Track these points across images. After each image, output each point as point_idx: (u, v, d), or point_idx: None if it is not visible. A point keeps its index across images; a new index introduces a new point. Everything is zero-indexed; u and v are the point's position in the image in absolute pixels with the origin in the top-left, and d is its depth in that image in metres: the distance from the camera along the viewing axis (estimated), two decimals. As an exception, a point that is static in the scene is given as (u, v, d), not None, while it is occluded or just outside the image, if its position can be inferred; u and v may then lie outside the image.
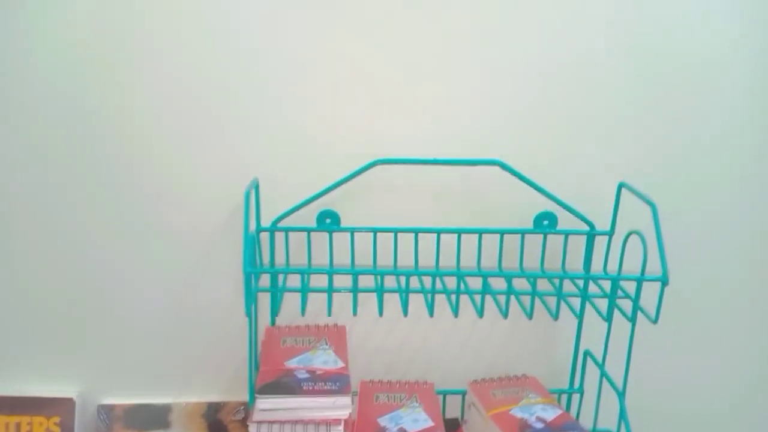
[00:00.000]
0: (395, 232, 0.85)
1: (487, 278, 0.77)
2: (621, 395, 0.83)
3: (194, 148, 0.84)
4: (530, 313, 0.79)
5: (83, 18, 0.79)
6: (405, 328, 0.93)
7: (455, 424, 0.90)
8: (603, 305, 0.83)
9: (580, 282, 0.85)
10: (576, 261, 0.90)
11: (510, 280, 0.78)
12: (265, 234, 0.86)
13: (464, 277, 0.86)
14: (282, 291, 0.84)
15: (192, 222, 0.86)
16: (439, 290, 0.82)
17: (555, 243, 0.89)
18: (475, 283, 0.87)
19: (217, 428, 0.90)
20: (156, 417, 0.90)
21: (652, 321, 0.75)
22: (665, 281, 0.73)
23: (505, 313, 0.78)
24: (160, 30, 0.80)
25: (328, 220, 0.86)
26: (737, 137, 0.88)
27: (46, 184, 0.84)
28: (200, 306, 0.89)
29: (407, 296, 0.77)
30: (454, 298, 0.78)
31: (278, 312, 0.86)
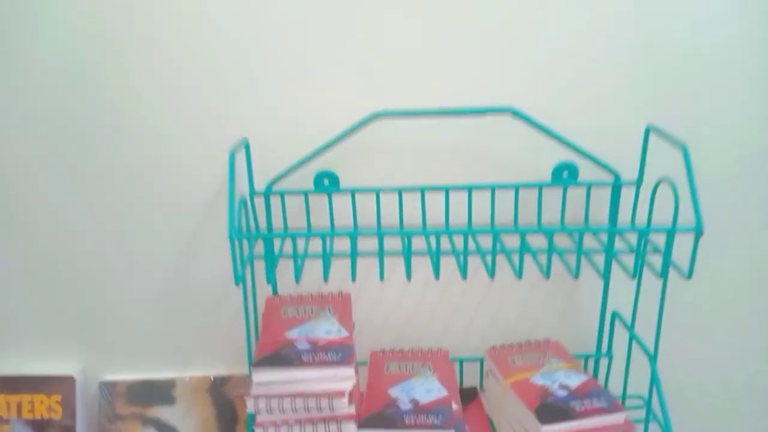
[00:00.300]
0: (400, 192, 0.79)
1: (501, 237, 0.70)
2: (652, 359, 0.77)
3: (183, 110, 0.79)
4: (547, 272, 0.72)
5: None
6: (416, 294, 0.88)
7: (473, 394, 0.84)
8: (630, 262, 0.76)
9: (604, 238, 0.78)
10: (600, 215, 0.83)
11: (524, 237, 0.71)
12: (261, 200, 0.81)
13: (476, 236, 0.80)
14: (277, 258, 0.78)
15: (188, 191, 0.82)
16: (446, 251, 0.76)
17: (576, 197, 0.82)
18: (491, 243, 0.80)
19: (223, 403, 0.87)
20: (160, 393, 0.87)
21: (686, 277, 0.69)
22: (700, 231, 0.66)
23: (519, 273, 0.71)
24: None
25: (327, 182, 0.80)
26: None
27: (38, 161, 0.81)
28: (201, 277, 0.86)
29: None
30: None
31: (274, 280, 0.81)
